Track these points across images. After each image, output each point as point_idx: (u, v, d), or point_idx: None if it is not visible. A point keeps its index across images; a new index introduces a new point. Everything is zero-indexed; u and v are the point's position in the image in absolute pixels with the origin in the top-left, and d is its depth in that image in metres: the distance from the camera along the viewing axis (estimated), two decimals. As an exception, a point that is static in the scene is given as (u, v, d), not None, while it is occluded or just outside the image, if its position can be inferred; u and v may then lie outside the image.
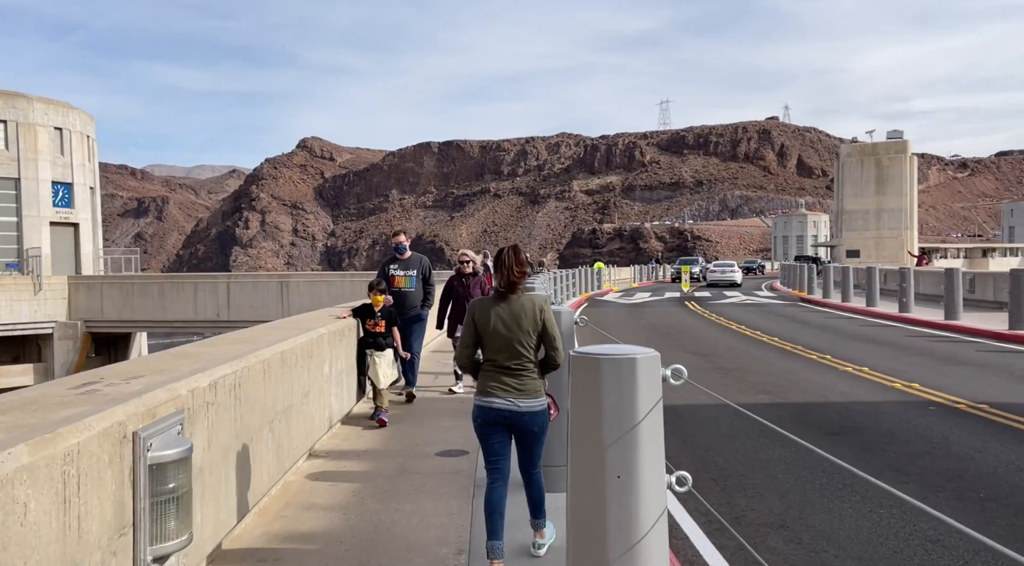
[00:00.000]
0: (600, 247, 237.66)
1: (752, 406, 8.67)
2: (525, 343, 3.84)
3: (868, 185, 57.68)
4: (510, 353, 3.84)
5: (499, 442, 3.91)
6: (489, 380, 3.88)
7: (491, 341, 3.86)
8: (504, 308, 3.88)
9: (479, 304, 3.96)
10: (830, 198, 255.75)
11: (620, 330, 17.92)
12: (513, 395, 3.83)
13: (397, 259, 8.66)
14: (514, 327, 3.84)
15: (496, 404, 3.83)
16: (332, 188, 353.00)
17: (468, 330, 3.93)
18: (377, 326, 7.51)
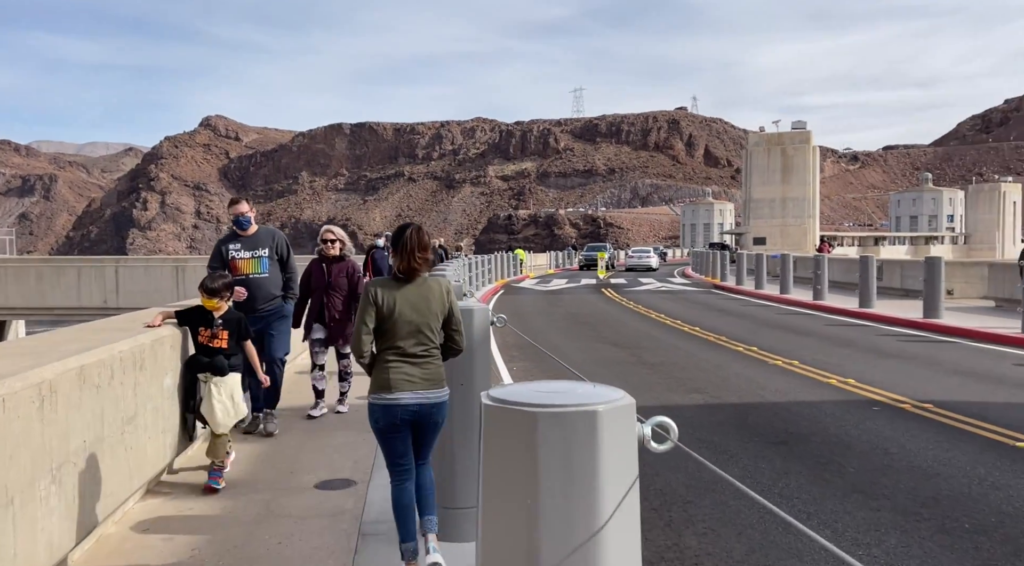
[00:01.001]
0: (515, 233, 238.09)
1: (686, 408, 7.81)
2: (434, 328, 3.57)
3: (774, 174, 59.24)
4: (418, 339, 3.53)
5: (404, 443, 3.60)
6: (392, 373, 3.49)
7: (396, 327, 3.51)
8: (411, 290, 3.56)
9: (380, 285, 3.57)
10: (735, 187, 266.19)
11: (538, 320, 16.97)
12: (422, 387, 3.53)
13: (238, 236, 6.29)
14: (424, 311, 3.54)
15: (404, 400, 3.48)
16: (238, 169, 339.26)
17: (367, 314, 3.52)
18: (216, 339, 5.01)
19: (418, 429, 3.62)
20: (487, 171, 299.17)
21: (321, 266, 6.96)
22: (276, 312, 6.34)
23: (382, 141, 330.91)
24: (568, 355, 11.55)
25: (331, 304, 6.84)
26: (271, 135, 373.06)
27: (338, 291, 6.89)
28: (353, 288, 6.93)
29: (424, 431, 3.64)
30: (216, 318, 5.04)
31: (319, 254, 7.07)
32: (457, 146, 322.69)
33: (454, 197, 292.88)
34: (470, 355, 4.03)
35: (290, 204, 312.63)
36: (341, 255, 7.01)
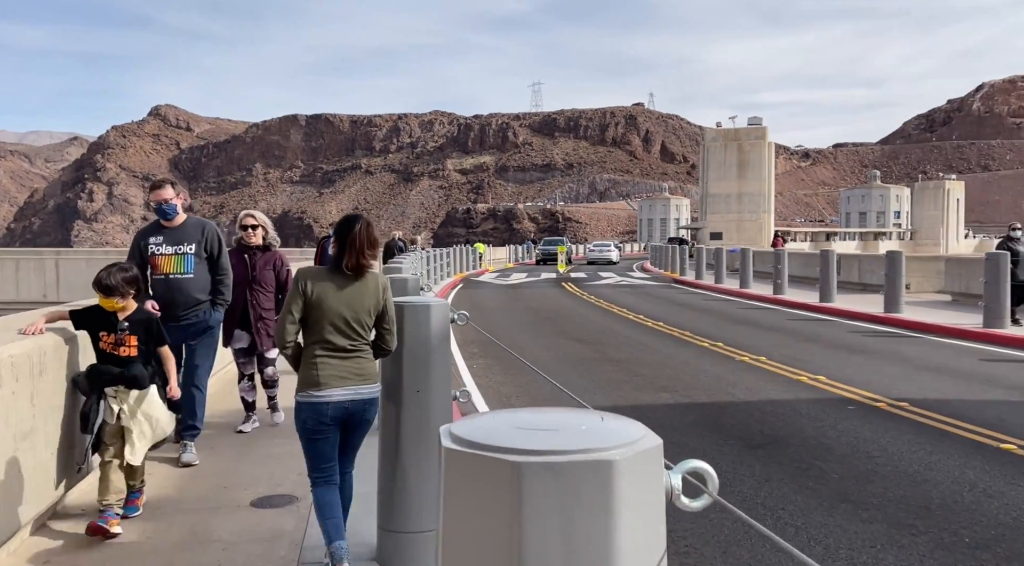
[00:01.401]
0: (474, 227, 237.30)
1: (656, 408, 7.43)
2: (364, 323, 3.39)
3: (731, 169, 59.81)
4: (347, 334, 3.34)
5: (332, 445, 3.39)
6: (321, 368, 3.29)
7: (327, 318, 3.31)
8: (345, 283, 3.36)
9: (312, 274, 3.37)
10: (691, 183, 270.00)
11: (499, 316, 16.51)
12: (354, 382, 3.34)
13: (161, 228, 5.23)
14: (356, 305, 3.35)
15: (336, 397, 3.29)
16: (189, 160, 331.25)
17: (295, 303, 3.31)
18: (122, 346, 4.09)
19: (347, 428, 3.42)
20: (445, 164, 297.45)
21: (242, 257, 5.89)
22: (200, 323, 5.20)
23: (338, 133, 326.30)
24: (531, 352, 11.11)
25: (255, 302, 5.88)
26: (224, 126, 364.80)
27: (263, 287, 5.92)
28: (282, 284, 6.01)
29: (353, 430, 3.45)
30: (120, 320, 4.10)
31: (238, 243, 5.97)
32: (415, 139, 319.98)
33: (412, 190, 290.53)
34: (426, 358, 3.57)
35: (244, 196, 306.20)
36: (266, 244, 6.00)
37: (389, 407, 3.55)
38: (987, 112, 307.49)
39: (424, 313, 3.61)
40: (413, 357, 3.54)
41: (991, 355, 10.44)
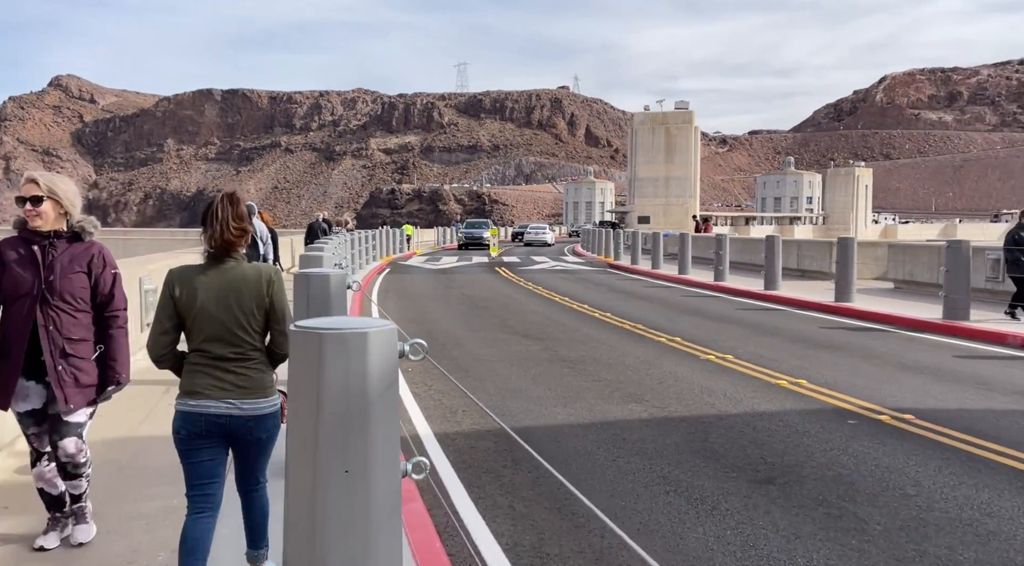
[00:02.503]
0: (399, 208, 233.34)
1: (630, 425, 6.30)
2: (247, 326, 2.91)
3: (658, 153, 59.78)
4: (227, 340, 2.89)
5: (211, 460, 2.92)
6: (198, 377, 2.89)
7: (199, 324, 2.89)
8: (216, 278, 2.90)
9: (181, 272, 2.92)
10: (615, 167, 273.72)
11: (432, 306, 15.11)
12: (233, 394, 2.87)
13: None
14: (232, 306, 2.88)
15: (209, 408, 2.85)
16: (94, 134, 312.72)
17: (165, 309, 2.91)
18: None
19: (239, 450, 3.01)
20: (369, 144, 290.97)
21: (30, 251, 3.52)
22: None
23: (256, 109, 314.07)
24: (473, 350, 9.83)
25: (52, 329, 3.49)
26: (131, 98, 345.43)
27: (66, 303, 3.52)
28: (105, 298, 3.60)
29: (247, 452, 3.02)
30: None
31: (20, 228, 3.61)
32: (337, 117, 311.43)
33: (334, 170, 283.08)
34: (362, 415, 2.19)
35: (155, 173, 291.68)
36: (71, 231, 3.59)
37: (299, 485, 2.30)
38: (889, 103, 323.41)
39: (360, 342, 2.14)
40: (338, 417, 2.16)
41: (965, 351, 9.82)
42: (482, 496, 4.71)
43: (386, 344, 2.31)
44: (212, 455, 2.95)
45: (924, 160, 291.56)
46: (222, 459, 2.98)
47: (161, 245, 36.08)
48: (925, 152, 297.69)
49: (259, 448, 3.03)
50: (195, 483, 2.95)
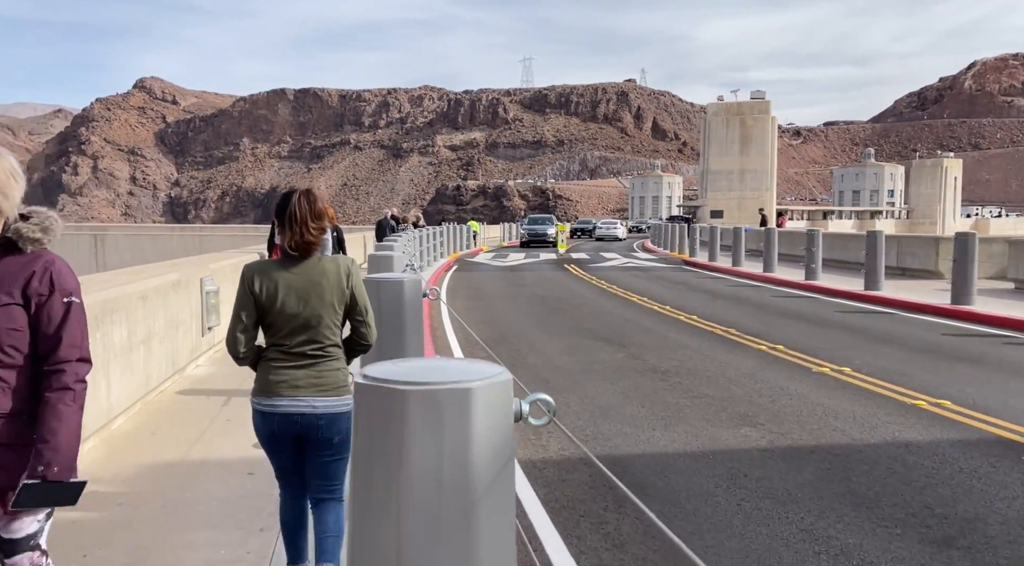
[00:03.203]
0: (464, 204, 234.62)
1: (746, 456, 5.32)
2: (329, 322, 2.85)
3: (733, 145, 57.53)
4: (308, 336, 2.83)
5: (288, 457, 2.91)
6: (272, 373, 2.83)
7: (280, 320, 2.82)
8: (297, 273, 2.84)
9: (258, 268, 2.88)
10: (683, 161, 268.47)
11: (502, 306, 14.33)
12: (308, 392, 2.80)
13: None
14: (314, 300, 2.82)
15: (282, 407, 2.79)
16: (175, 134, 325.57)
17: (246, 305, 2.84)
18: None
19: (307, 447, 2.85)
20: (435, 140, 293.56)
21: None
22: None
23: (327, 108, 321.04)
24: (551, 357, 8.97)
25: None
26: (210, 99, 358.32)
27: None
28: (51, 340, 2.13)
29: (319, 454, 2.85)
30: None
31: None
32: (404, 114, 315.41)
33: (401, 166, 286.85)
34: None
35: (231, 171, 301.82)
36: (6, 237, 2.13)
37: None
38: (979, 90, 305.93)
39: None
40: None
41: None
42: (583, 550, 3.85)
43: (498, 404, 1.51)
44: (291, 455, 2.89)
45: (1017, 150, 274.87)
46: (302, 458, 2.92)
47: (235, 241, 36.57)
48: (1019, 141, 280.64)
49: (331, 452, 2.89)
50: (282, 475, 2.96)
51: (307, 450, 2.88)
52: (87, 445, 4.86)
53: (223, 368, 7.57)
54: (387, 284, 3.90)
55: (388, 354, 3.76)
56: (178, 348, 6.66)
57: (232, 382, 6.93)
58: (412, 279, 3.89)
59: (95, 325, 4.73)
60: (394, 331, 3.80)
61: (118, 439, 5.16)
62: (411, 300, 3.91)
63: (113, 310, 5.01)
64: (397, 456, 1.39)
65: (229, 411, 5.99)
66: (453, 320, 11.85)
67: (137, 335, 5.51)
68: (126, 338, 5.28)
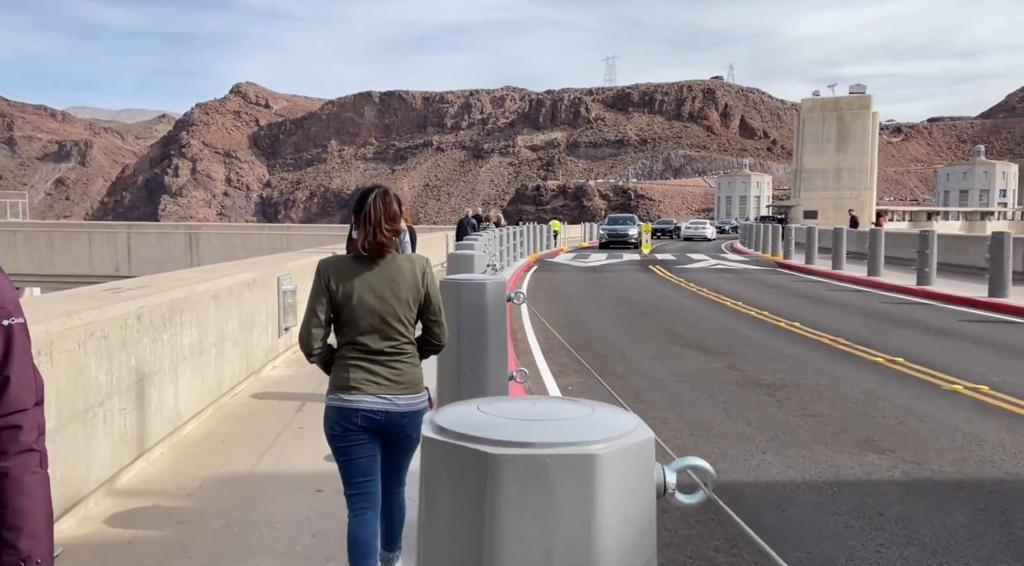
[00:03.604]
0: (544, 204, 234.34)
1: (876, 487, 4.58)
2: (404, 318, 2.84)
3: (829, 142, 54.73)
4: (383, 333, 2.81)
5: (368, 457, 2.86)
6: (351, 371, 2.80)
7: (355, 317, 2.79)
8: (373, 270, 2.82)
9: (334, 264, 2.85)
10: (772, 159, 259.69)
11: (585, 308, 13.74)
12: (389, 389, 2.79)
13: None
14: (390, 297, 2.80)
15: (365, 404, 2.77)
16: (267, 136, 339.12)
17: (321, 301, 2.81)
18: None
19: (386, 444, 2.88)
20: (516, 141, 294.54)
21: None
22: None
23: (411, 110, 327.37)
24: (641, 366, 8.34)
25: None
26: (300, 103, 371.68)
27: None
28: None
29: (394, 447, 2.90)
30: None
31: None
32: (486, 115, 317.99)
33: (482, 167, 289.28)
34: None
35: (319, 173, 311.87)
36: None
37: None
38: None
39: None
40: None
41: None
42: (694, 604, 3.26)
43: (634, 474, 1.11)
44: (368, 452, 2.85)
45: None
46: (377, 456, 2.88)
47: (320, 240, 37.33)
48: None
49: (408, 446, 2.92)
50: (354, 481, 2.85)
51: (385, 448, 2.89)
52: (156, 451, 4.61)
53: (299, 369, 7.32)
54: (468, 286, 3.50)
55: (467, 361, 3.39)
56: (253, 349, 6.42)
57: (307, 385, 6.65)
58: (495, 281, 3.57)
59: (163, 326, 4.47)
60: (475, 338, 3.43)
61: (187, 447, 4.90)
62: (494, 304, 3.53)
63: (182, 310, 4.75)
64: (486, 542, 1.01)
65: (302, 418, 5.68)
66: (534, 321, 11.38)
67: (209, 337, 5.26)
68: (196, 340, 5.02)
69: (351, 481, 2.85)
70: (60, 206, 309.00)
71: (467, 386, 3.19)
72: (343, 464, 2.85)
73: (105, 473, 3.89)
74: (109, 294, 4.25)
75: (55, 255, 33.93)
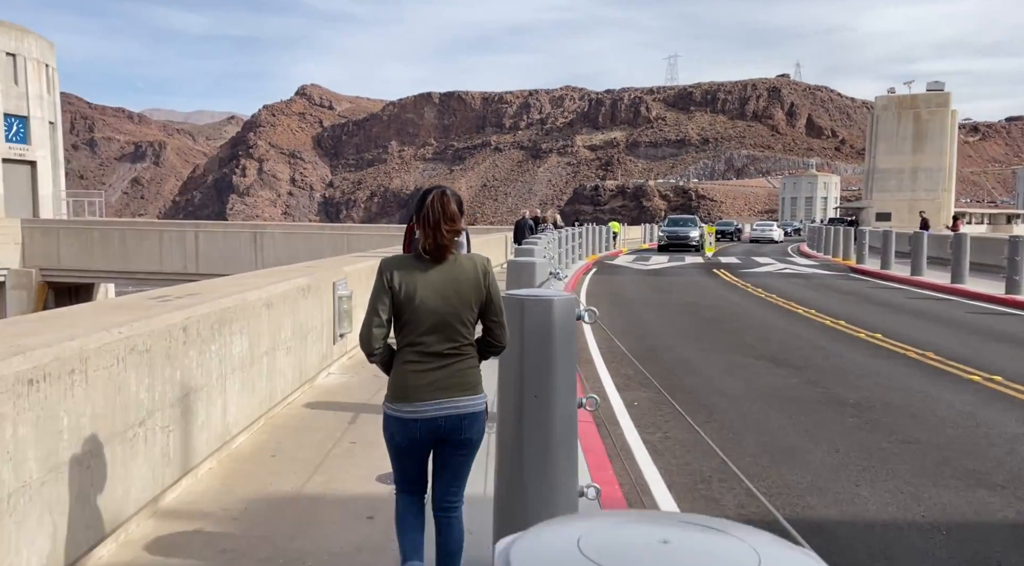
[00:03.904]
0: (602, 204, 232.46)
1: (992, 531, 4.03)
2: (466, 319, 2.79)
3: (904, 141, 52.31)
4: (445, 334, 2.76)
5: (420, 463, 2.89)
6: (412, 377, 2.74)
7: (417, 318, 2.75)
8: (435, 270, 2.78)
9: (397, 263, 2.81)
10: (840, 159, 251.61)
11: (648, 315, 13.22)
12: (448, 393, 2.75)
13: None
14: (452, 298, 2.76)
15: (426, 412, 2.72)
16: (331, 137, 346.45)
17: (382, 300, 2.76)
18: None
19: (443, 449, 2.81)
20: (574, 141, 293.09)
21: None
22: None
23: (470, 110, 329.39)
24: (711, 380, 7.84)
25: None
26: (362, 104, 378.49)
27: None
28: None
29: (451, 452, 2.82)
30: None
31: None
32: (545, 115, 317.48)
33: (540, 167, 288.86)
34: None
35: (380, 173, 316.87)
36: None
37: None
38: None
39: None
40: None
41: None
42: None
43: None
44: (421, 457, 2.86)
45: None
46: (426, 458, 2.89)
47: (380, 241, 37.59)
48: None
49: (466, 450, 2.87)
50: (406, 479, 2.90)
51: (443, 451, 2.85)
52: (203, 468, 4.40)
53: (354, 377, 7.10)
54: (534, 303, 2.96)
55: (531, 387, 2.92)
56: (307, 357, 6.21)
57: (362, 394, 6.41)
58: (564, 298, 3.03)
59: (211, 337, 4.25)
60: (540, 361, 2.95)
61: (236, 462, 4.69)
62: (562, 324, 2.98)
63: (232, 320, 4.53)
64: None
65: (354, 431, 5.42)
66: (595, 328, 10.95)
67: (260, 346, 5.04)
68: (247, 350, 4.80)
69: (403, 480, 2.91)
70: (135, 204, 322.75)
71: (531, 415, 2.90)
72: (397, 467, 2.89)
73: (146, 495, 3.68)
74: (156, 303, 4.05)
75: (128, 252, 35.04)
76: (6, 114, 34.42)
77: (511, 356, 2.91)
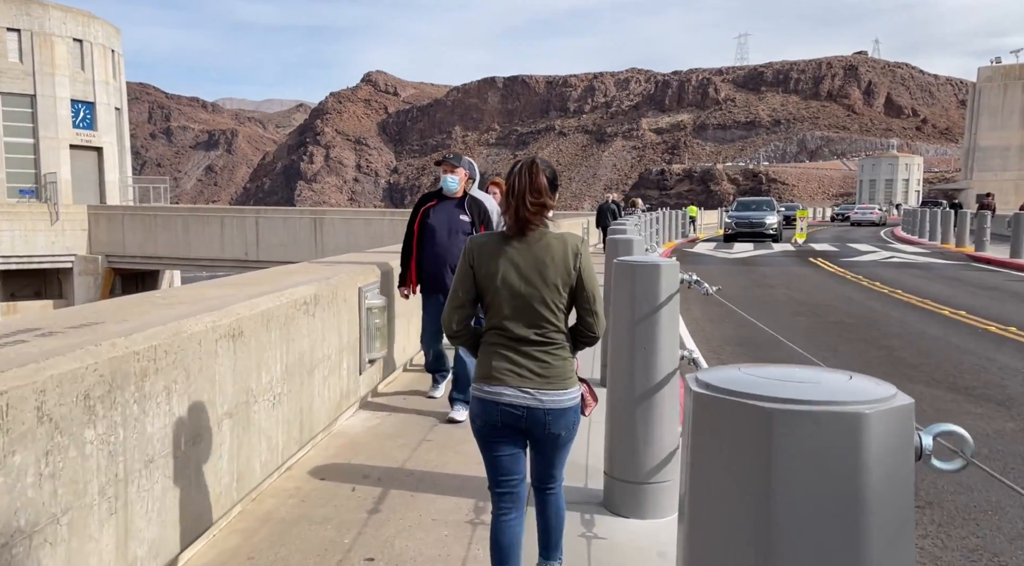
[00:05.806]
0: (668, 189, 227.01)
1: None
2: (552, 303, 2.56)
3: (1011, 116, 47.52)
4: (529, 319, 2.55)
5: (511, 455, 2.64)
6: (494, 359, 2.57)
7: (500, 300, 2.57)
8: (520, 249, 2.57)
9: (481, 242, 2.65)
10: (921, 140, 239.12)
11: (752, 313, 10.91)
12: (532, 383, 2.54)
13: None
14: (536, 279, 2.55)
15: (506, 396, 2.55)
16: (395, 124, 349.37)
17: (464, 281, 2.62)
18: None
19: (535, 444, 2.65)
20: (640, 124, 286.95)
21: None
22: None
23: (534, 94, 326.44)
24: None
25: None
26: (427, 90, 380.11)
27: None
28: None
29: (543, 447, 2.64)
30: None
31: None
32: (610, 98, 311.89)
33: (604, 151, 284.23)
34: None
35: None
36: None
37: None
38: None
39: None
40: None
41: None
42: None
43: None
44: (511, 449, 2.63)
45: None
46: (521, 454, 2.66)
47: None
48: None
49: (554, 446, 2.65)
50: (498, 479, 2.65)
51: (531, 442, 2.65)
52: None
53: (388, 418, 5.13)
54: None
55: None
56: (314, 402, 4.28)
57: (394, 448, 4.47)
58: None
59: (84, 417, 2.33)
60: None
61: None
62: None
63: (145, 373, 2.60)
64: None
65: (376, 529, 3.48)
66: (695, 331, 8.82)
67: (216, 407, 3.08)
68: (183, 418, 2.87)
69: (495, 479, 2.67)
70: (209, 192, 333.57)
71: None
72: (487, 460, 2.67)
73: None
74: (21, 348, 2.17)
75: (191, 239, 34.60)
76: (73, 100, 34.18)
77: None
